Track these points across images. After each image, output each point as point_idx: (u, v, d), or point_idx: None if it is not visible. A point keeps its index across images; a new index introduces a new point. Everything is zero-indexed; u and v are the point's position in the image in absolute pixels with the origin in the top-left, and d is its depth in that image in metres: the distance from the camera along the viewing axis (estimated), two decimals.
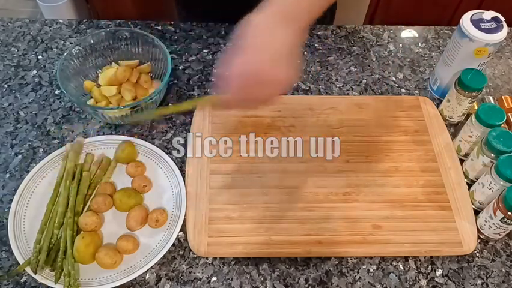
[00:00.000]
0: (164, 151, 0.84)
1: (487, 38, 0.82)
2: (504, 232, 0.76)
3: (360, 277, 0.74)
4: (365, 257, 0.76)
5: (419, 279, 0.74)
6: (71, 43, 1.02)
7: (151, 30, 1.04)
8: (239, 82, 0.61)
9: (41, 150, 0.86)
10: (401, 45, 1.05)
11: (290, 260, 0.76)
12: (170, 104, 0.92)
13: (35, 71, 0.97)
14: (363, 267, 0.75)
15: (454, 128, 0.92)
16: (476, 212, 0.79)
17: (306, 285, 0.74)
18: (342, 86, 0.97)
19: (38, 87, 0.95)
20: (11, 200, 0.78)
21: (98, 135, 0.88)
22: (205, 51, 1.02)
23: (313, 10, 0.62)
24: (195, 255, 0.75)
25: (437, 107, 0.93)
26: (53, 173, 0.81)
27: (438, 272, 0.75)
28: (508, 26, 0.85)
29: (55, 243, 0.73)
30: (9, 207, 0.77)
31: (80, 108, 0.91)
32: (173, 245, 0.76)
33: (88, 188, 0.79)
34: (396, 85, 0.98)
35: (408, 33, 1.08)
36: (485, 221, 0.76)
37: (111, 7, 1.96)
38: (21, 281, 0.73)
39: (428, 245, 0.76)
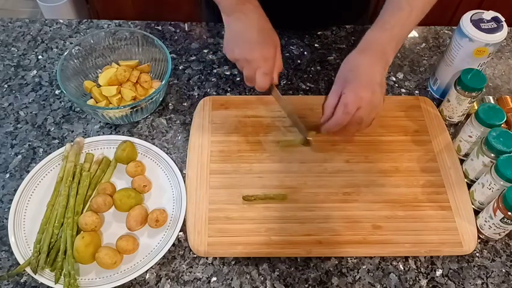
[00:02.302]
0: (164, 151, 0.84)
1: (487, 38, 0.82)
2: (504, 232, 0.76)
3: (360, 277, 0.74)
4: (365, 257, 0.76)
5: (419, 279, 0.74)
6: (71, 43, 1.02)
7: (151, 30, 1.05)
8: (353, 108, 0.75)
9: (41, 150, 0.86)
10: None
11: (290, 260, 0.76)
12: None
13: (35, 71, 0.97)
14: (363, 267, 0.75)
15: (454, 128, 0.92)
16: (476, 212, 0.79)
17: (306, 285, 0.74)
18: None
19: (38, 87, 0.95)
20: (11, 200, 0.78)
21: (98, 135, 0.88)
22: (205, 51, 1.02)
23: (398, 47, 0.80)
24: (195, 255, 0.75)
25: (437, 107, 0.93)
26: (53, 173, 0.81)
27: (438, 272, 0.75)
28: (508, 26, 0.85)
29: (55, 243, 0.73)
30: (9, 207, 0.77)
31: (80, 108, 0.91)
32: (173, 245, 0.76)
33: (88, 188, 0.79)
34: (396, 85, 0.98)
35: None
36: (485, 221, 0.76)
37: (111, 7, 1.96)
38: (21, 281, 0.73)
39: (428, 245, 0.76)
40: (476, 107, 0.89)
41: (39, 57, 1.00)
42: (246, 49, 0.78)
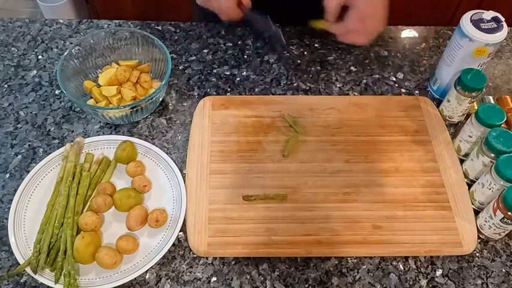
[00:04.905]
0: (164, 151, 0.84)
1: (487, 38, 0.82)
2: (504, 232, 0.76)
3: (360, 277, 0.74)
4: (365, 257, 0.76)
5: (419, 279, 0.74)
6: (71, 43, 1.02)
7: (151, 30, 1.05)
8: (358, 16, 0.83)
9: (41, 150, 0.86)
10: (401, 45, 1.05)
11: (290, 260, 0.76)
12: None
13: (35, 71, 0.97)
14: (363, 267, 0.75)
15: (454, 128, 0.92)
16: (476, 212, 0.79)
17: (306, 285, 0.74)
18: (342, 86, 0.97)
19: (38, 87, 0.95)
20: (11, 200, 0.78)
21: (98, 135, 0.88)
22: (205, 51, 1.02)
23: None
24: (195, 255, 0.76)
25: (437, 107, 0.93)
26: (53, 173, 0.81)
27: (438, 272, 0.75)
28: (508, 26, 0.85)
29: (55, 243, 0.73)
30: (9, 207, 0.77)
31: (80, 108, 0.91)
32: (173, 245, 0.76)
33: (88, 188, 0.79)
34: (396, 85, 0.98)
35: (408, 33, 1.08)
36: (485, 221, 0.76)
37: (111, 7, 1.96)
38: (21, 281, 0.73)
39: (428, 245, 0.76)
40: (476, 107, 0.90)
41: (39, 57, 1.00)
42: None
